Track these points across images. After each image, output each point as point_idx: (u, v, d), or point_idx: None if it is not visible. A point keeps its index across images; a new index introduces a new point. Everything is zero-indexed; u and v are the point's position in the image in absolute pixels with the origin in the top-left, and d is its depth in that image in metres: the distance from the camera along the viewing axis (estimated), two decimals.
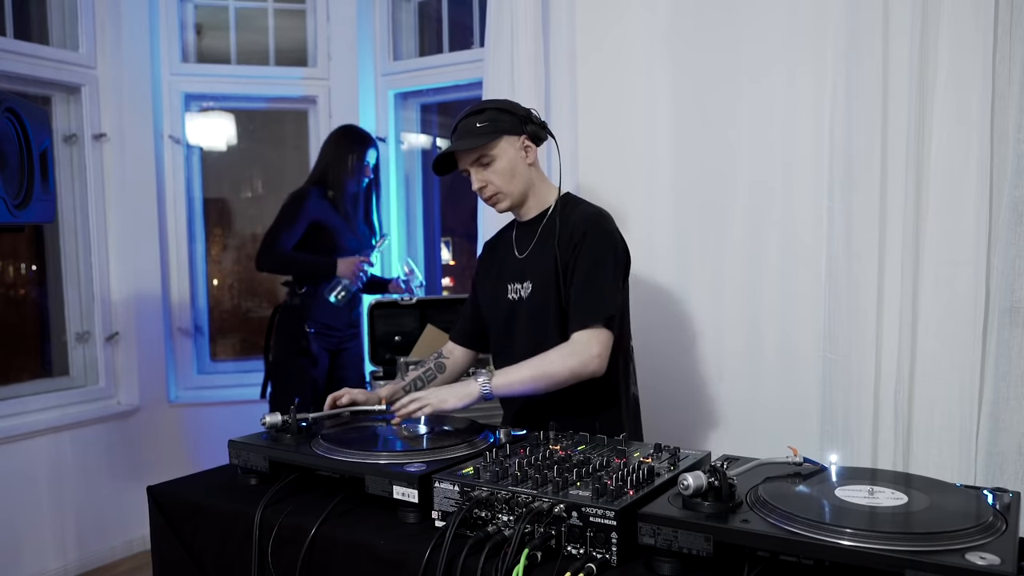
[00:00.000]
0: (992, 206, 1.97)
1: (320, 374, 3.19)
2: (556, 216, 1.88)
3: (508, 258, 1.98)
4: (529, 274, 1.90)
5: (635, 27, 2.56)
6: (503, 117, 1.87)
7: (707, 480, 1.13)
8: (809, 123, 2.26)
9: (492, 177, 1.87)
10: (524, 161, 1.89)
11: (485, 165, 1.86)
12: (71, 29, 3.34)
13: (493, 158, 1.85)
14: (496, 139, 1.84)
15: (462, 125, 1.87)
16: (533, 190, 1.92)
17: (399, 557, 1.25)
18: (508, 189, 1.88)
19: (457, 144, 1.85)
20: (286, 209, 3.07)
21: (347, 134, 3.18)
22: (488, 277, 2.03)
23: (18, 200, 2.08)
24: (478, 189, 1.88)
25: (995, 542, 1.01)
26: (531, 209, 1.94)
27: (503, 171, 1.86)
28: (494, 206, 1.92)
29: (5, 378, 3.36)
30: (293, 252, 3.04)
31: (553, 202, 1.92)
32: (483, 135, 1.84)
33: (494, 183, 1.87)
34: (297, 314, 3.11)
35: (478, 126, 1.85)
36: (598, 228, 1.84)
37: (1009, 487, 1.21)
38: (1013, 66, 1.92)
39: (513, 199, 1.90)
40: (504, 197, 1.89)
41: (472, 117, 1.87)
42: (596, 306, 1.77)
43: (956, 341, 2.02)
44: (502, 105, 1.90)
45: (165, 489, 1.60)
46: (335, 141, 3.17)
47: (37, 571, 3.17)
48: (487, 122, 1.85)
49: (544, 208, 1.93)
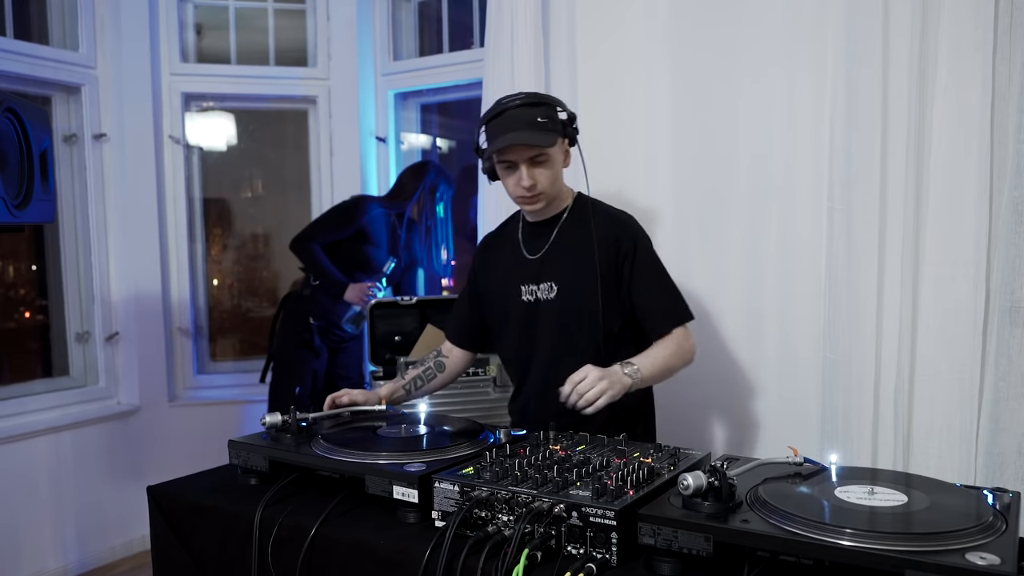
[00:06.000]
0: (992, 206, 1.96)
1: (321, 367, 3.23)
2: (577, 219, 1.85)
3: (516, 258, 1.92)
4: (550, 276, 1.85)
5: (635, 27, 2.56)
6: (558, 116, 1.80)
7: (707, 480, 1.13)
8: (809, 123, 2.26)
9: (542, 177, 1.78)
10: (562, 164, 1.85)
11: (540, 163, 1.77)
12: (71, 29, 3.34)
13: (548, 158, 1.78)
14: (556, 139, 1.78)
15: (521, 114, 1.75)
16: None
17: (399, 557, 1.25)
18: (551, 191, 1.82)
19: (528, 137, 1.73)
20: (343, 210, 3.19)
21: (428, 170, 3.30)
22: (491, 276, 1.98)
23: (18, 200, 2.08)
24: (527, 187, 1.77)
25: (995, 542, 1.01)
26: (548, 210, 1.88)
27: (553, 173, 1.81)
28: (529, 205, 1.84)
29: (5, 378, 3.36)
30: (321, 255, 3.13)
31: (568, 203, 1.89)
32: (548, 132, 1.76)
33: (542, 183, 1.78)
34: (305, 305, 3.18)
35: (540, 121, 1.75)
36: (642, 236, 1.86)
37: (1009, 487, 1.21)
38: (1013, 66, 1.92)
39: (549, 201, 1.84)
40: (545, 199, 1.82)
41: (530, 108, 1.76)
42: (678, 308, 1.83)
43: (956, 341, 2.02)
44: (555, 102, 1.82)
45: (165, 489, 1.60)
46: (416, 171, 3.30)
47: (37, 571, 3.17)
48: (547, 119, 1.76)
49: (559, 210, 1.88)
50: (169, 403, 3.65)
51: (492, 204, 2.87)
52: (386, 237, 3.23)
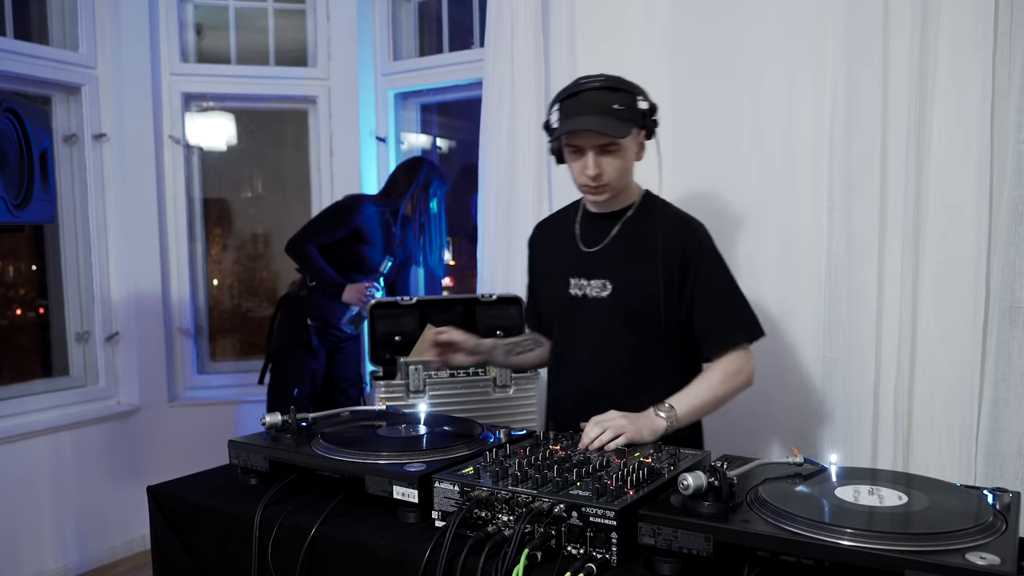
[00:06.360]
0: (992, 206, 1.96)
1: (320, 367, 3.23)
2: (642, 217, 1.76)
3: (571, 249, 1.82)
4: (604, 273, 1.75)
5: (635, 27, 2.56)
6: (637, 104, 1.68)
7: (707, 480, 1.13)
8: (809, 123, 2.26)
9: (610, 168, 1.67)
10: (635, 157, 1.74)
11: (610, 152, 1.66)
12: (71, 29, 3.34)
13: (621, 148, 1.66)
14: (630, 129, 1.66)
15: (597, 98, 1.65)
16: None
17: (399, 557, 1.25)
18: (619, 184, 1.72)
19: (601, 124, 1.62)
20: (337, 211, 3.17)
21: (421, 166, 3.26)
22: (543, 265, 1.89)
23: (18, 200, 2.08)
24: (592, 176, 1.67)
25: (995, 542, 1.01)
26: (613, 203, 1.77)
27: (623, 165, 1.70)
28: (592, 196, 1.73)
29: (6, 378, 3.36)
30: (317, 257, 3.11)
31: (635, 199, 1.79)
32: (624, 121, 1.64)
33: (609, 174, 1.68)
34: (302, 306, 3.18)
35: (616, 108, 1.63)
36: (709, 243, 1.76)
37: (1009, 487, 1.21)
38: (1013, 66, 1.91)
39: (615, 194, 1.74)
40: (610, 191, 1.71)
41: (608, 93, 1.65)
42: (741, 326, 1.73)
43: (956, 341, 2.02)
44: (636, 90, 1.70)
45: (165, 489, 1.60)
46: (408, 168, 3.26)
47: (37, 571, 3.17)
48: (625, 106, 1.65)
49: (625, 204, 1.78)
50: (169, 403, 3.65)
51: (492, 204, 2.87)
52: (381, 236, 3.21)
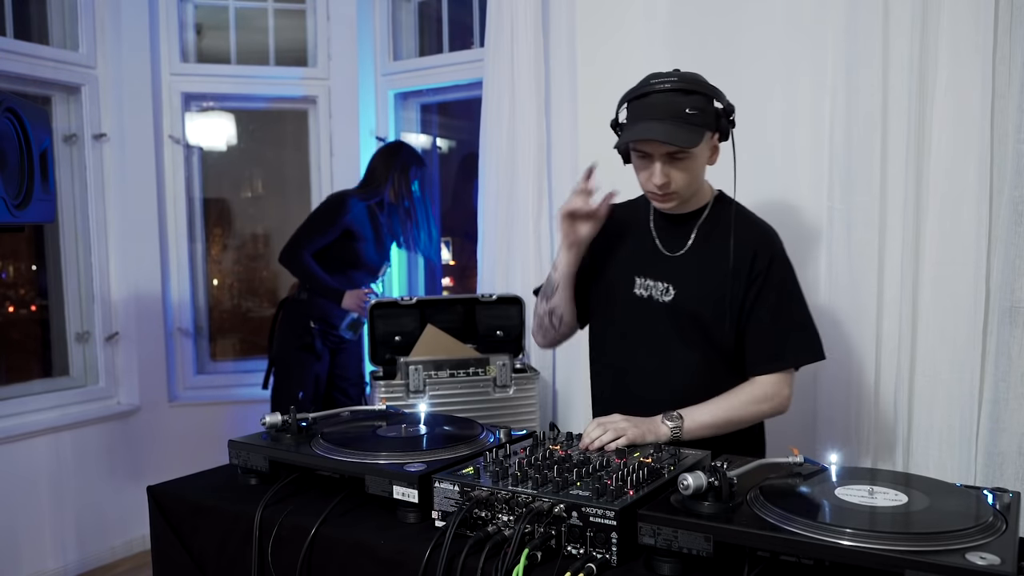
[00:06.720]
0: (992, 206, 1.96)
1: (323, 369, 3.22)
2: (715, 220, 1.69)
3: (642, 246, 1.75)
4: (676, 277, 1.68)
5: (635, 27, 2.56)
6: (710, 108, 1.58)
7: (707, 480, 1.13)
8: (809, 123, 2.26)
9: (679, 176, 1.60)
10: (707, 162, 1.65)
11: (679, 160, 1.58)
12: (71, 29, 3.34)
13: (690, 156, 1.58)
14: (702, 135, 1.57)
15: (668, 101, 1.55)
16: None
17: (399, 557, 1.25)
18: (687, 192, 1.64)
19: (670, 134, 1.53)
20: (324, 213, 3.14)
21: (398, 151, 3.23)
22: (605, 255, 1.79)
23: (18, 200, 2.07)
24: (659, 184, 1.59)
25: (995, 542, 1.01)
26: (684, 206, 1.69)
27: (694, 173, 1.62)
28: (659, 203, 1.67)
29: (5, 378, 3.36)
30: (313, 265, 3.09)
31: (708, 200, 1.72)
32: (695, 128, 1.55)
33: (678, 182, 1.60)
34: (304, 309, 3.17)
35: (688, 112, 1.54)
36: (780, 256, 1.68)
37: (1009, 487, 1.21)
38: (1013, 66, 1.92)
39: (683, 201, 1.66)
40: (677, 199, 1.64)
41: (680, 96, 1.55)
42: (787, 351, 1.64)
43: (956, 341, 2.02)
44: (711, 91, 1.60)
45: (165, 489, 1.60)
46: (386, 154, 3.23)
47: (37, 571, 3.17)
48: (698, 111, 1.55)
49: (697, 206, 1.71)
50: (169, 403, 3.65)
51: (492, 204, 2.87)
52: (371, 230, 3.19)
